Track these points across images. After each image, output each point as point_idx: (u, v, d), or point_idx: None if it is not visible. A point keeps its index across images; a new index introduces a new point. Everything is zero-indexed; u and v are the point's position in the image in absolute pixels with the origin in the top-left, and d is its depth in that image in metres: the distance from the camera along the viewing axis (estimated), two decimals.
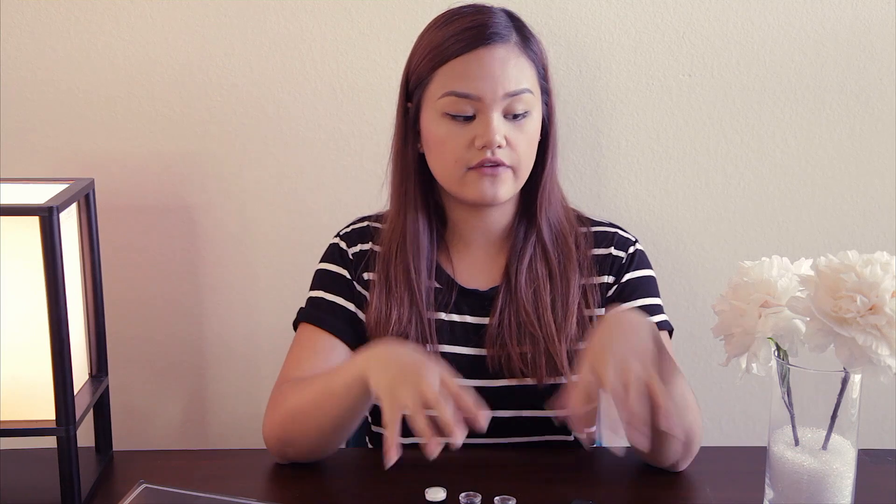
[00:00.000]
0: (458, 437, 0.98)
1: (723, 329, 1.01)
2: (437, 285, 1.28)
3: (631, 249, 1.31)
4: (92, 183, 1.24)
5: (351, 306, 1.28)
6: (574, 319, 1.25)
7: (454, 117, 1.19)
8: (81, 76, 1.56)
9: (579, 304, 1.26)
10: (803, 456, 0.99)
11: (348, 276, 1.30)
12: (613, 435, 0.98)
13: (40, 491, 1.16)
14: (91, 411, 1.24)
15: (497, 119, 1.18)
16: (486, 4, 1.25)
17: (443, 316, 1.28)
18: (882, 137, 1.61)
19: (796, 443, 1.00)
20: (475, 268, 1.30)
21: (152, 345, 1.67)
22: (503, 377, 1.25)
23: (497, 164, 1.19)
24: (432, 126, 1.21)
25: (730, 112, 1.61)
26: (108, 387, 1.28)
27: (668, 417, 0.94)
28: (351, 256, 1.31)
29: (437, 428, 0.98)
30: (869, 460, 1.17)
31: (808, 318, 0.94)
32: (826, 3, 1.56)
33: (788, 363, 0.97)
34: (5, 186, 1.23)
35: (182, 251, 1.64)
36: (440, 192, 1.29)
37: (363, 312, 1.28)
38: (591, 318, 1.27)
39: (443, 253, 1.30)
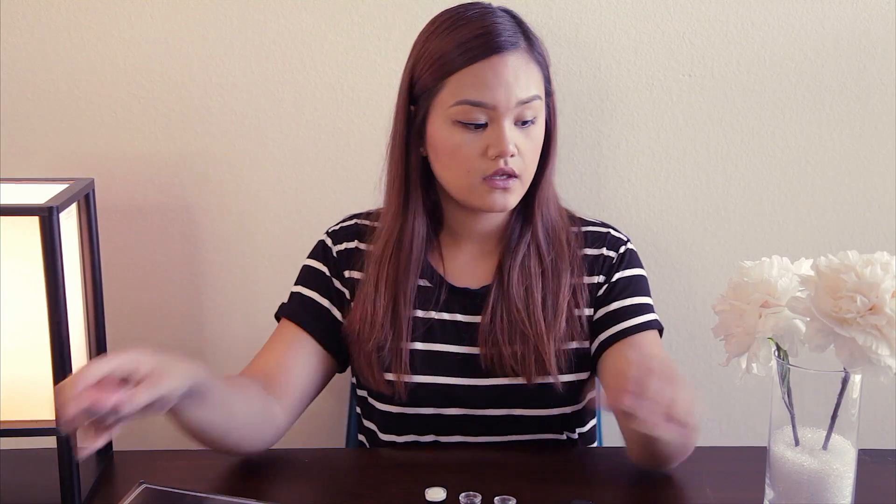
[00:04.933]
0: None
1: (723, 329, 1.01)
2: (428, 284, 1.28)
3: (622, 249, 1.32)
4: (92, 183, 1.24)
5: (326, 303, 1.29)
6: (563, 318, 1.25)
7: (466, 125, 1.18)
8: (81, 76, 1.56)
9: (569, 303, 1.26)
10: (803, 456, 0.98)
11: (328, 273, 1.31)
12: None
13: (40, 491, 1.16)
14: None
15: (509, 128, 1.18)
16: (487, 4, 1.24)
17: (433, 314, 1.28)
18: (882, 137, 1.61)
19: (796, 443, 1.00)
20: (467, 266, 1.30)
21: (152, 345, 1.66)
22: (495, 376, 1.25)
23: (509, 177, 1.19)
24: (443, 134, 1.20)
25: (730, 112, 1.61)
26: None
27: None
28: (335, 254, 1.31)
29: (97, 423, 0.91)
30: (869, 460, 1.17)
31: (808, 319, 0.94)
32: (826, 3, 1.56)
33: (788, 363, 0.97)
34: (5, 186, 1.23)
35: (182, 251, 1.64)
36: (439, 194, 1.29)
37: (339, 310, 1.29)
38: (580, 318, 1.27)
39: (434, 251, 1.30)
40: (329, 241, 1.33)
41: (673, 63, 1.59)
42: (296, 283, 1.33)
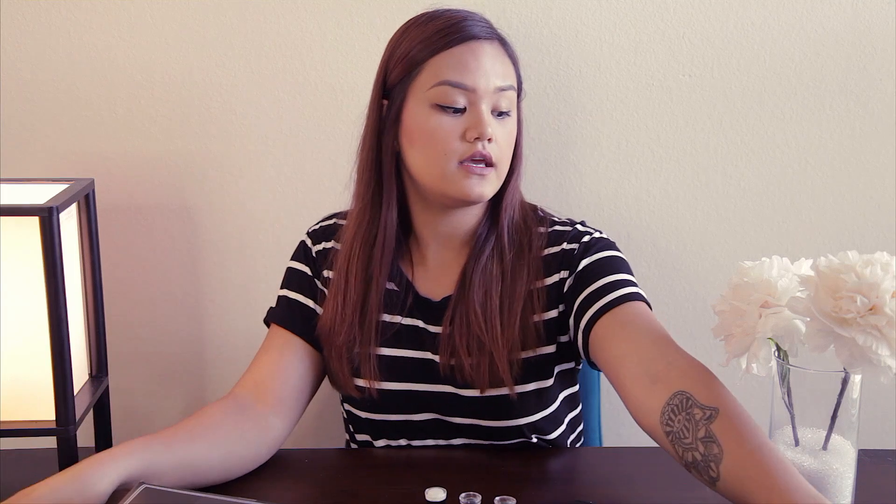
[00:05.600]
0: None
1: (723, 329, 1.01)
2: (395, 288, 1.27)
3: (585, 238, 1.26)
4: (92, 183, 1.24)
5: (311, 304, 1.29)
6: (518, 326, 1.22)
7: (444, 108, 1.18)
8: (81, 76, 1.56)
9: (524, 309, 1.23)
10: (803, 456, 0.99)
11: (310, 274, 1.31)
12: None
13: None
14: (91, 411, 1.24)
15: (487, 112, 1.19)
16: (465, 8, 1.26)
17: (398, 319, 1.27)
18: (882, 137, 1.61)
19: (796, 443, 1.00)
20: (431, 275, 1.29)
21: (152, 345, 1.67)
22: (454, 384, 1.24)
23: (487, 163, 1.19)
24: (420, 118, 1.20)
25: (730, 112, 1.61)
26: (108, 387, 1.28)
27: None
28: (314, 254, 1.31)
29: None
30: (869, 460, 1.17)
31: (808, 319, 0.94)
32: (826, 3, 1.56)
33: (788, 363, 0.97)
34: (5, 186, 1.23)
35: (182, 251, 1.64)
36: (408, 194, 1.27)
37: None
38: (536, 324, 1.23)
39: (405, 256, 1.29)
40: (309, 242, 1.33)
41: (673, 63, 1.59)
42: (281, 287, 1.32)
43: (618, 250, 1.26)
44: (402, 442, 1.29)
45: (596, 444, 1.50)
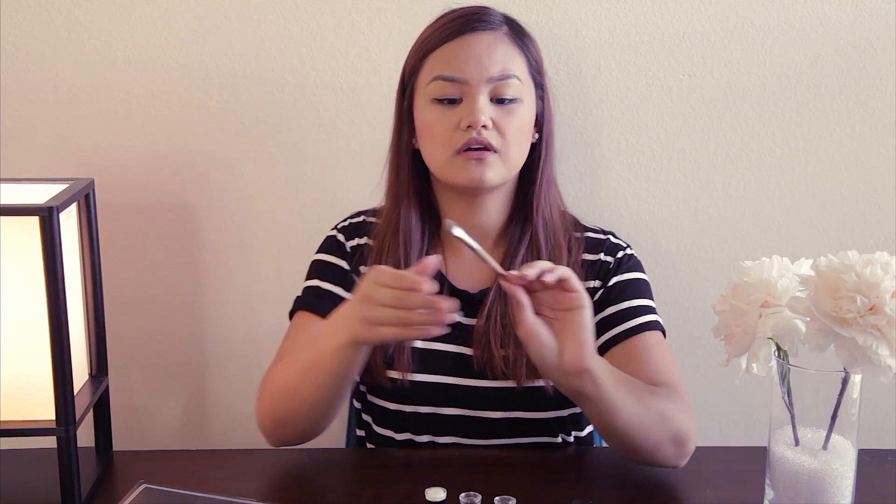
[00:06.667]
0: (449, 308, 0.99)
1: (723, 329, 1.01)
2: None
3: (620, 254, 1.31)
4: (92, 183, 1.24)
5: (348, 296, 1.28)
6: None
7: (441, 101, 1.22)
8: (81, 76, 1.56)
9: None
10: (803, 456, 0.98)
11: (347, 268, 1.31)
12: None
13: (40, 491, 1.16)
14: (91, 411, 1.24)
15: (483, 101, 1.21)
16: (492, 6, 1.27)
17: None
18: (882, 137, 1.61)
19: (796, 443, 1.00)
20: (467, 268, 1.30)
21: (152, 345, 1.67)
22: (486, 378, 1.25)
23: (483, 148, 1.20)
24: (422, 113, 1.24)
25: (730, 112, 1.61)
26: (108, 387, 1.28)
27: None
28: (349, 249, 1.32)
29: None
30: (869, 460, 1.17)
31: (808, 318, 0.94)
32: (826, 3, 1.56)
33: (788, 363, 0.97)
34: (5, 186, 1.23)
35: (182, 251, 1.64)
36: (435, 188, 1.30)
37: None
38: None
39: (437, 250, 1.30)
40: (341, 237, 1.33)
41: (673, 63, 1.59)
42: (310, 278, 1.32)
43: (644, 271, 1.32)
44: (425, 438, 1.29)
45: (596, 443, 1.50)
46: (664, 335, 1.29)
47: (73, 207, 1.20)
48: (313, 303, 1.29)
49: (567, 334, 1.02)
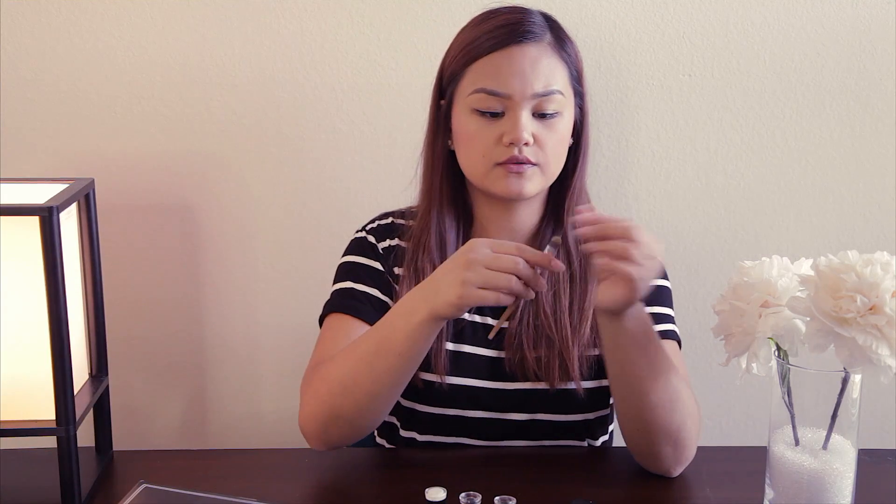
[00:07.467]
0: (557, 267, 1.06)
1: (723, 329, 1.01)
2: None
3: None
4: (92, 183, 1.24)
5: (383, 297, 1.28)
6: (589, 324, 1.24)
7: (483, 113, 1.20)
8: (81, 76, 1.56)
9: (595, 309, 1.25)
10: (803, 456, 0.98)
11: (381, 269, 1.29)
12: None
13: (40, 491, 1.16)
14: (91, 411, 1.24)
15: (525, 117, 1.19)
16: (524, 6, 1.25)
17: (465, 315, 1.27)
18: (882, 137, 1.61)
19: (796, 443, 1.00)
20: None
21: (152, 345, 1.67)
22: (518, 380, 1.25)
23: (522, 163, 1.19)
24: (461, 121, 1.22)
25: (730, 112, 1.61)
26: (108, 387, 1.28)
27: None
28: (381, 251, 1.30)
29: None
30: (869, 460, 1.17)
31: (808, 318, 0.94)
32: (826, 3, 1.56)
33: (788, 363, 0.97)
34: (5, 186, 1.23)
35: (182, 251, 1.64)
36: (469, 190, 1.29)
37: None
38: None
39: None
40: (372, 239, 1.31)
41: (673, 63, 1.59)
42: (341, 280, 1.29)
43: (668, 278, 1.32)
44: (451, 440, 1.28)
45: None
46: (679, 346, 1.28)
47: (73, 207, 1.20)
48: (349, 304, 1.26)
49: (616, 279, 1.04)
